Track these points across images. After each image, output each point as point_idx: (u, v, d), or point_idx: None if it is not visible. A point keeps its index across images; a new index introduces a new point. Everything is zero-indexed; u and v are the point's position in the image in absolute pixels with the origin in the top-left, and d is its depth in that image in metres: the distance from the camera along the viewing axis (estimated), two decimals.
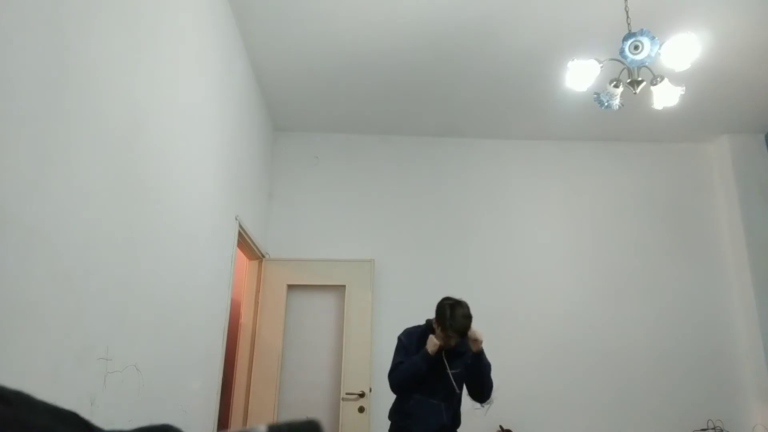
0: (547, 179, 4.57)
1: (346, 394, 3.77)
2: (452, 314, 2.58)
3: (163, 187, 2.10)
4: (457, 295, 4.16)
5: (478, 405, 3.77)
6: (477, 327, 2.68)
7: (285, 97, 4.03)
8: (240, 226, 3.35)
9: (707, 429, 3.96)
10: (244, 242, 3.60)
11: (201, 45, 2.55)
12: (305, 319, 4.06)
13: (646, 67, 2.38)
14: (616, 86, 2.51)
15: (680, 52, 2.32)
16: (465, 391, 2.82)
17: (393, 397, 4.03)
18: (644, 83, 2.43)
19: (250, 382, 3.81)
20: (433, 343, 2.61)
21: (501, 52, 3.43)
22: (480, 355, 2.72)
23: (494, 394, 4.07)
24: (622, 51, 2.31)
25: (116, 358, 1.70)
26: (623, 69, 2.46)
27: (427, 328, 2.75)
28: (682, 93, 2.51)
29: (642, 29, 2.29)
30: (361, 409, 3.74)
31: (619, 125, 4.36)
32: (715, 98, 3.93)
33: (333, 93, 3.96)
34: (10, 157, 1.20)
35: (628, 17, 2.58)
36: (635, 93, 2.45)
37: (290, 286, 4.05)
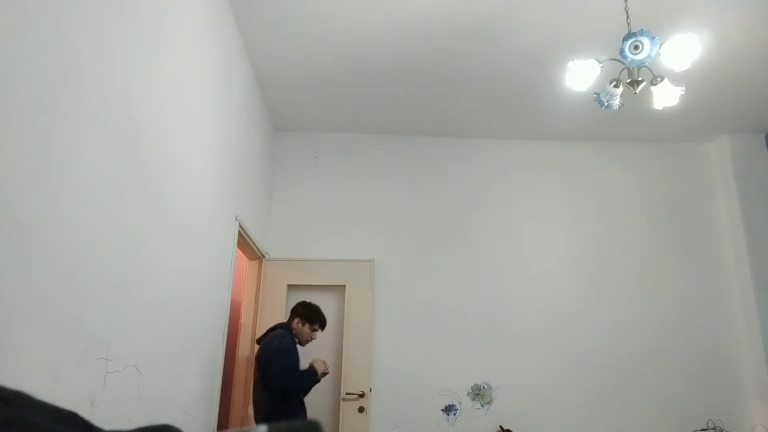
0: (548, 179, 4.57)
1: (346, 394, 3.77)
2: (318, 311, 3.30)
3: (163, 187, 2.10)
4: (458, 295, 4.19)
5: (478, 405, 3.89)
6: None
7: (285, 97, 4.03)
8: (240, 226, 3.35)
9: (707, 429, 3.96)
10: (244, 242, 3.60)
11: (201, 45, 2.55)
12: None
13: (646, 67, 2.38)
14: (616, 86, 2.50)
15: (680, 52, 2.32)
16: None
17: (393, 397, 4.04)
18: (644, 83, 2.43)
19: (250, 382, 3.81)
20: (322, 365, 3.14)
21: (501, 52, 3.43)
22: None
23: (494, 393, 4.08)
24: (622, 51, 2.31)
25: (116, 358, 1.70)
26: (623, 69, 2.46)
27: (289, 334, 3.16)
28: (682, 93, 2.51)
29: (642, 29, 2.29)
30: (361, 409, 3.74)
31: (619, 125, 4.36)
32: (715, 98, 3.93)
33: (333, 93, 3.96)
34: (10, 157, 1.20)
35: (628, 17, 2.58)
36: (635, 93, 2.45)
37: (290, 286, 4.05)
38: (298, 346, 3.16)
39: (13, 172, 1.22)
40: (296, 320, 3.23)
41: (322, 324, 3.29)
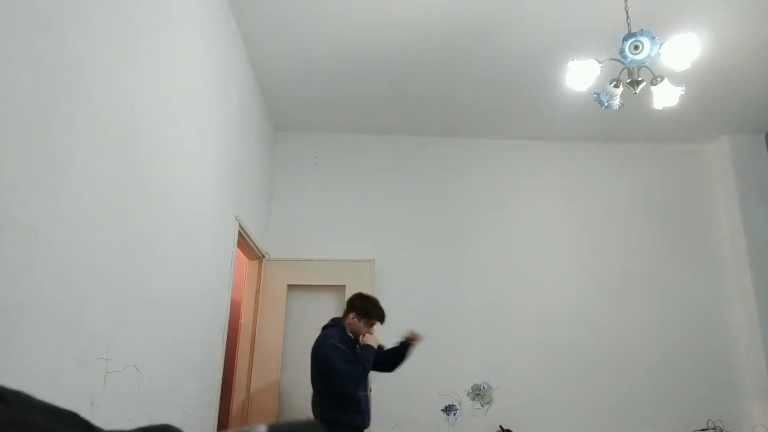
0: (548, 179, 4.57)
1: None
2: (376, 303, 3.00)
3: (163, 187, 2.10)
4: (458, 294, 4.19)
5: (478, 405, 3.88)
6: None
7: (285, 97, 4.03)
8: (240, 226, 3.35)
9: (707, 429, 3.96)
10: (244, 242, 3.60)
11: (201, 45, 2.55)
12: (305, 319, 4.06)
13: (646, 67, 2.38)
14: (616, 86, 2.51)
15: (680, 51, 2.32)
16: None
17: (393, 397, 4.03)
18: (644, 83, 2.44)
19: (250, 382, 3.81)
20: (375, 340, 2.91)
21: (501, 52, 3.43)
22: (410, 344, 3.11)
23: (494, 393, 4.09)
24: (622, 51, 2.31)
25: (116, 358, 1.70)
26: (623, 69, 2.46)
27: (341, 330, 2.93)
28: (682, 93, 2.51)
29: (642, 29, 2.29)
30: None
31: (619, 125, 4.36)
32: (715, 98, 3.93)
33: (333, 93, 3.96)
34: (10, 157, 1.20)
35: (628, 17, 2.58)
36: (635, 93, 2.45)
37: (290, 286, 4.05)
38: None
39: (13, 172, 1.22)
40: (351, 315, 2.96)
41: (381, 318, 2.97)
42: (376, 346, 2.90)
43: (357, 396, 2.76)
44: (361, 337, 2.91)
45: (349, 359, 2.76)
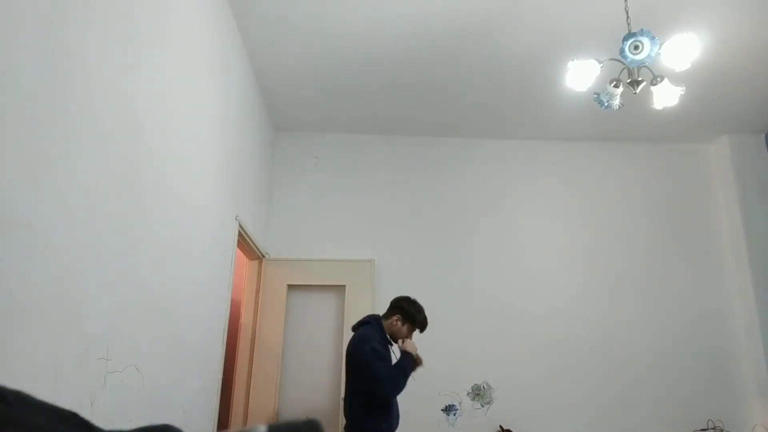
0: (547, 179, 4.57)
1: None
2: (422, 311, 2.94)
3: (162, 187, 2.10)
4: (458, 295, 4.18)
5: (478, 405, 3.87)
6: None
7: (285, 97, 4.03)
8: (240, 226, 3.35)
9: (707, 429, 3.96)
10: (244, 242, 3.60)
11: (201, 45, 2.55)
12: (305, 319, 4.06)
13: (646, 67, 2.38)
14: (616, 86, 2.51)
15: (680, 51, 2.32)
16: None
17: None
18: (644, 83, 2.43)
19: (250, 382, 3.81)
20: (414, 346, 2.87)
21: (501, 51, 3.43)
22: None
23: (494, 393, 4.10)
24: (622, 51, 2.31)
25: (116, 358, 1.70)
26: (623, 69, 2.46)
27: (379, 329, 2.88)
28: (682, 93, 2.51)
29: (642, 29, 2.29)
30: None
31: (619, 125, 4.36)
32: (715, 98, 3.93)
33: (333, 93, 3.96)
34: (9, 157, 1.20)
35: (628, 17, 2.58)
36: (635, 93, 2.45)
37: (290, 286, 4.05)
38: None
39: (13, 172, 1.22)
40: (396, 317, 2.90)
41: (423, 327, 2.95)
42: (415, 354, 2.84)
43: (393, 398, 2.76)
44: (400, 341, 2.87)
45: (389, 366, 2.71)
